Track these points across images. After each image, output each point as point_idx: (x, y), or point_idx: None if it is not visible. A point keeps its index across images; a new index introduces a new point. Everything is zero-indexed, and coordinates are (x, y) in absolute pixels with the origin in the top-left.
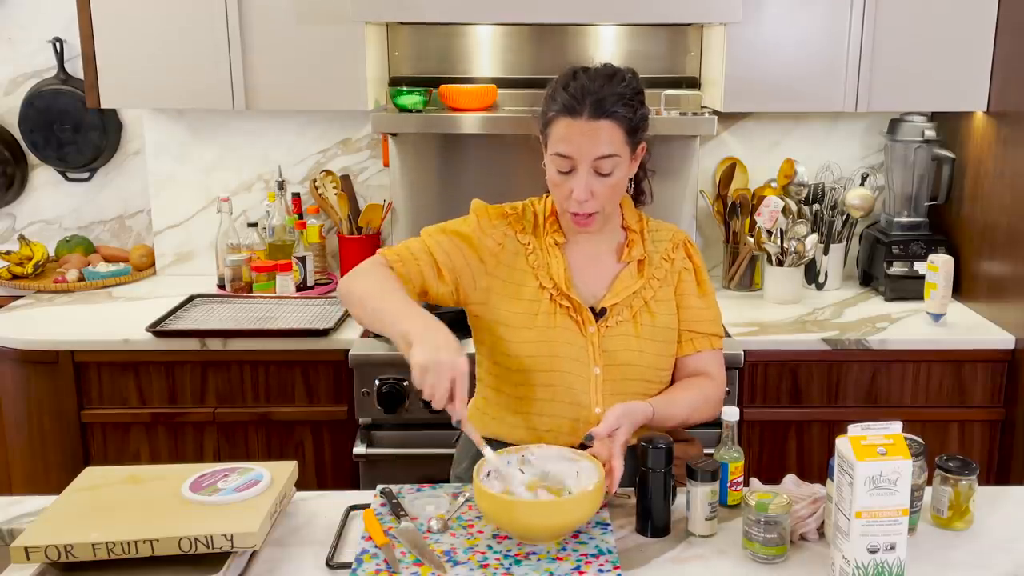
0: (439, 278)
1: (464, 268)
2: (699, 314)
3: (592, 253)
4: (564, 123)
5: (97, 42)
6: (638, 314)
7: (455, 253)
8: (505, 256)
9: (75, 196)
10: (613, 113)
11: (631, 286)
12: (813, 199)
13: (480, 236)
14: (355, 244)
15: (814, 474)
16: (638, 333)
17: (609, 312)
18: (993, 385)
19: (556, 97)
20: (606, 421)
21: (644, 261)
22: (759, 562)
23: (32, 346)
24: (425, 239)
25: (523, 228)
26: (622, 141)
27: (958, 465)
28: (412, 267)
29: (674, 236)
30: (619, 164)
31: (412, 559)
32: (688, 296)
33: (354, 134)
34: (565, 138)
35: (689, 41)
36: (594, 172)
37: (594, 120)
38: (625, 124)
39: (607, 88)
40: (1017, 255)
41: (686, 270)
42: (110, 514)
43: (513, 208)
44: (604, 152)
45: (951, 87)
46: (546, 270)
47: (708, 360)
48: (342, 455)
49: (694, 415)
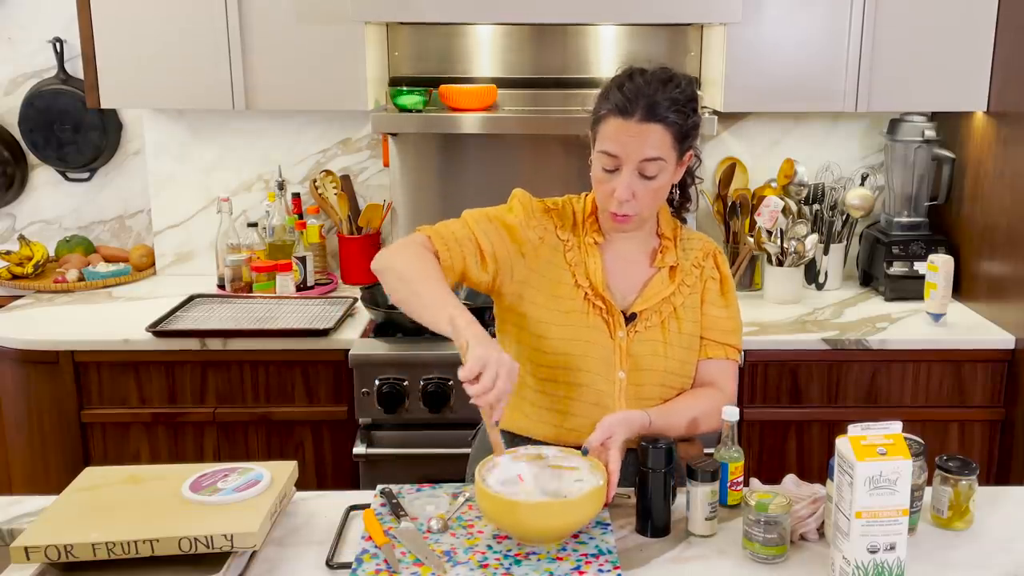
0: (481, 265)
1: (505, 258)
2: (717, 322)
3: (626, 256)
4: (614, 123)
5: (97, 42)
6: (666, 320)
7: (499, 242)
8: (544, 251)
9: (75, 196)
10: (664, 118)
11: (662, 292)
12: (813, 199)
13: (524, 228)
14: (355, 244)
15: (814, 474)
16: (665, 339)
17: (639, 317)
18: (993, 385)
19: (610, 96)
20: (599, 430)
21: (676, 268)
22: (759, 562)
23: (32, 346)
24: (471, 224)
25: (563, 224)
26: (670, 146)
27: (958, 465)
28: (456, 252)
29: (705, 245)
30: (664, 169)
31: (412, 559)
32: (709, 304)
33: (354, 134)
34: (614, 137)
35: (689, 41)
36: (638, 174)
37: (644, 123)
38: (675, 129)
39: (661, 92)
40: (1017, 255)
41: (712, 279)
42: (110, 514)
43: (555, 203)
44: (650, 155)
45: (951, 87)
46: (583, 268)
47: (720, 370)
48: (342, 455)
49: (695, 427)
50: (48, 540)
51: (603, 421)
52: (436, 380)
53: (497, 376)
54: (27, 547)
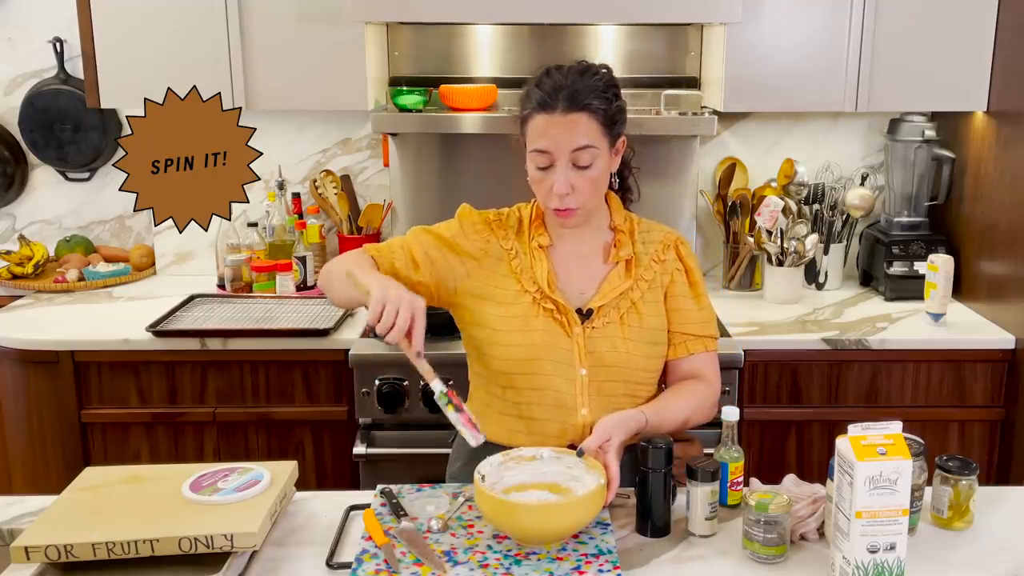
0: (414, 268)
1: (443, 266)
2: (692, 315)
3: (579, 253)
4: (540, 119)
5: (97, 42)
6: (625, 315)
7: (435, 253)
8: (488, 262)
9: (75, 196)
10: (587, 105)
11: (619, 287)
12: (813, 199)
13: (461, 241)
14: (355, 244)
15: (814, 474)
16: (625, 335)
17: (596, 313)
18: (993, 385)
19: (530, 95)
20: (596, 433)
21: (632, 261)
22: (759, 562)
23: (32, 346)
24: (408, 236)
25: (505, 234)
26: (599, 133)
27: (958, 465)
28: (386, 255)
29: (665, 237)
30: (598, 156)
31: (412, 559)
32: (680, 298)
33: (354, 134)
34: (542, 133)
35: (689, 41)
36: (572, 165)
37: (569, 113)
38: (600, 115)
39: (580, 81)
40: (1017, 255)
41: (678, 271)
42: (110, 514)
43: (497, 214)
44: (581, 143)
45: (951, 87)
46: (529, 274)
47: (702, 362)
48: (342, 455)
49: (689, 420)
50: (48, 540)
51: (600, 424)
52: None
53: (399, 307)
54: (27, 547)
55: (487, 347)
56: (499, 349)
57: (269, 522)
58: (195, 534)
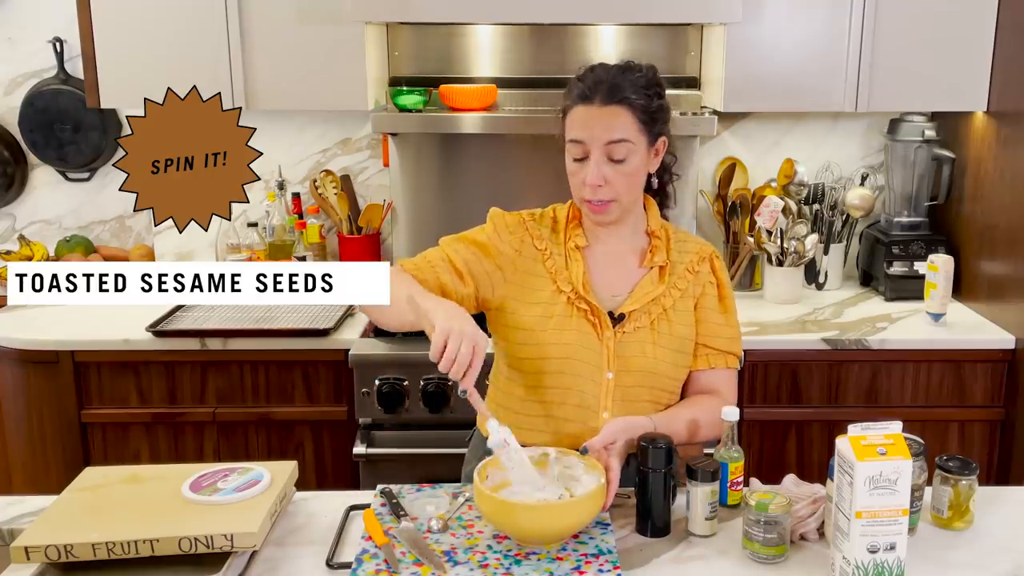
0: (460, 281)
1: (483, 275)
2: (718, 330)
3: (614, 255)
4: (579, 110)
5: (97, 42)
6: (656, 321)
7: (473, 261)
8: (523, 262)
9: (75, 196)
10: (626, 99)
11: (651, 292)
12: (813, 199)
13: (497, 243)
14: (355, 244)
15: (814, 474)
16: (655, 340)
17: (628, 318)
18: (993, 385)
19: (572, 89)
20: (603, 434)
21: (666, 268)
22: (759, 562)
23: (32, 346)
24: (443, 247)
25: (540, 234)
26: (636, 129)
27: (958, 465)
28: (428, 272)
29: (701, 249)
30: (633, 152)
31: (412, 559)
32: (709, 311)
33: (354, 134)
34: (579, 124)
35: (689, 41)
36: (607, 158)
37: (607, 105)
38: (639, 111)
39: (621, 76)
40: (1017, 255)
41: (710, 284)
42: (110, 514)
43: (531, 214)
44: (616, 136)
45: (951, 87)
46: (564, 274)
47: (721, 379)
48: (342, 455)
49: (697, 434)
50: (48, 540)
51: (607, 426)
52: (436, 380)
53: (461, 345)
54: (27, 547)
55: (519, 347)
56: (532, 349)
57: (269, 522)
58: (195, 534)
